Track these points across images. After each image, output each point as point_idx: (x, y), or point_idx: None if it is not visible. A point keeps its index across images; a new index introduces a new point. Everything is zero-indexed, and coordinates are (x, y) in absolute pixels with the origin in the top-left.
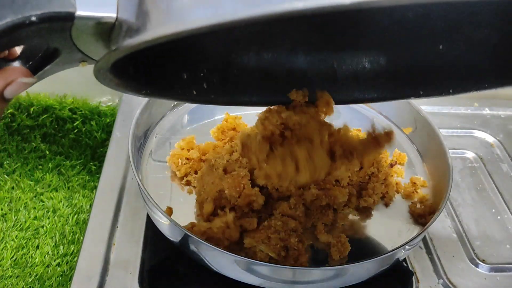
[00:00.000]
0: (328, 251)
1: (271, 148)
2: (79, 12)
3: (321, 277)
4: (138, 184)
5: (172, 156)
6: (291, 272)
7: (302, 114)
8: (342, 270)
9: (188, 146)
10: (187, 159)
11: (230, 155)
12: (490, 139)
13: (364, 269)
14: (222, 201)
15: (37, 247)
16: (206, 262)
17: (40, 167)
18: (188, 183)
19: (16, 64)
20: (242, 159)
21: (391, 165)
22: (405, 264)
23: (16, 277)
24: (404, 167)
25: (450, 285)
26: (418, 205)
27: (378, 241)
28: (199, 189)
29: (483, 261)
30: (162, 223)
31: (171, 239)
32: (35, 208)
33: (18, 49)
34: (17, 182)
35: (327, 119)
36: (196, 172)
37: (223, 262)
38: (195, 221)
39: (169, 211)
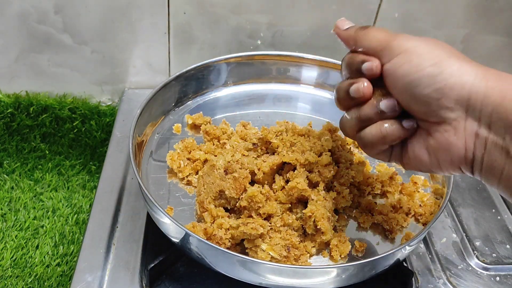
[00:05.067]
0: (328, 251)
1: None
2: None
3: (321, 276)
4: (139, 184)
5: (171, 157)
6: (292, 271)
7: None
8: (343, 269)
9: (188, 148)
10: (188, 159)
11: (232, 155)
12: None
13: (365, 268)
14: (222, 202)
15: (37, 247)
16: (208, 262)
17: (39, 167)
18: (189, 183)
19: None
20: (243, 160)
21: None
22: (405, 264)
23: (16, 277)
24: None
25: (450, 285)
26: (419, 205)
27: (379, 241)
28: (199, 189)
29: (483, 261)
30: (163, 222)
31: (172, 238)
32: (34, 208)
33: None
34: (16, 182)
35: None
36: (197, 173)
37: (225, 262)
38: (196, 221)
39: (169, 211)
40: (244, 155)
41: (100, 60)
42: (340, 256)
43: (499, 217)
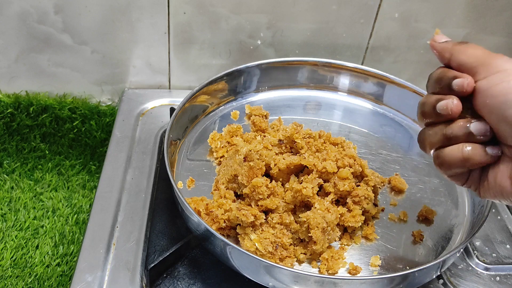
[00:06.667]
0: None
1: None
2: None
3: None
4: (173, 185)
5: (213, 136)
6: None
7: None
8: (397, 278)
9: (231, 132)
10: (228, 143)
11: (255, 146)
12: None
13: (407, 280)
14: (234, 186)
15: (37, 247)
16: (229, 260)
17: (39, 167)
18: (219, 163)
19: None
20: (263, 152)
21: None
22: None
23: (16, 277)
24: None
25: (450, 285)
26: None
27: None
28: (219, 169)
29: (483, 261)
30: (193, 220)
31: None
32: (34, 208)
33: None
34: (16, 182)
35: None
36: None
37: (249, 265)
38: (206, 197)
39: (190, 183)
40: (267, 148)
41: (100, 60)
42: (327, 271)
43: (499, 217)
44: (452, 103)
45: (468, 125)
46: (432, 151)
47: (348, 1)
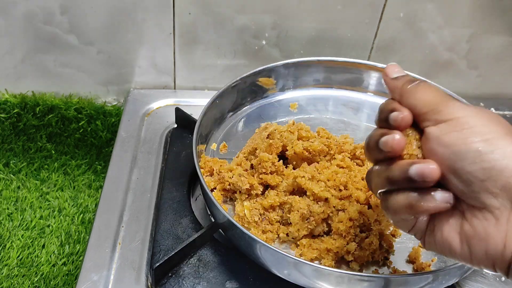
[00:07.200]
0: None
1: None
2: None
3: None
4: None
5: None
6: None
7: None
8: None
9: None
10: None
11: (281, 128)
12: None
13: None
14: (252, 157)
15: (43, 246)
16: (250, 252)
17: (46, 166)
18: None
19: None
20: (284, 133)
21: None
22: None
23: (22, 276)
24: None
25: (456, 285)
26: None
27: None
28: (248, 141)
29: None
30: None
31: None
32: (41, 207)
33: None
34: (23, 181)
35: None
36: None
37: (272, 258)
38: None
39: (223, 148)
40: (291, 132)
41: (106, 61)
42: (300, 255)
43: None
44: (393, 139)
45: (407, 168)
46: (378, 193)
47: (353, 1)
